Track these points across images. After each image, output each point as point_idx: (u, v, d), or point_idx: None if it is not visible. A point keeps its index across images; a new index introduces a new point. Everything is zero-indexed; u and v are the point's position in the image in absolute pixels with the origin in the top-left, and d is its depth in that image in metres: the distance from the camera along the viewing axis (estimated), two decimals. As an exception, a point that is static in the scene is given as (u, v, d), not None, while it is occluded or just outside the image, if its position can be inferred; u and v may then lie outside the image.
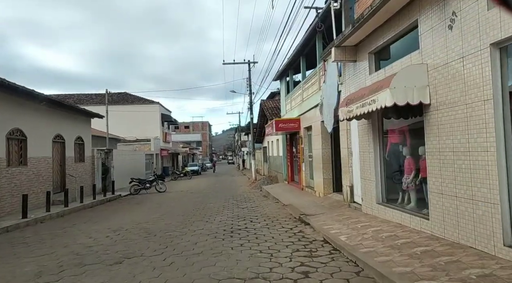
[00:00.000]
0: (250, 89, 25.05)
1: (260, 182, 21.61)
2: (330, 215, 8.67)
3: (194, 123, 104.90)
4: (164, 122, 39.72)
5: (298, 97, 15.09)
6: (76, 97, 38.94)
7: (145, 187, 20.12)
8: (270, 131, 16.77)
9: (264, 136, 28.82)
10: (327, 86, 10.52)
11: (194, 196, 17.12)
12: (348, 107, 7.17)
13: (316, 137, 12.26)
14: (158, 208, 13.05)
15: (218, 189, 20.77)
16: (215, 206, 12.89)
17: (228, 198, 15.46)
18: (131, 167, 25.14)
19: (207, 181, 29.38)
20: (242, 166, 56.62)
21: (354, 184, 9.10)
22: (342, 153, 9.71)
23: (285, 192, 14.83)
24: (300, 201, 11.89)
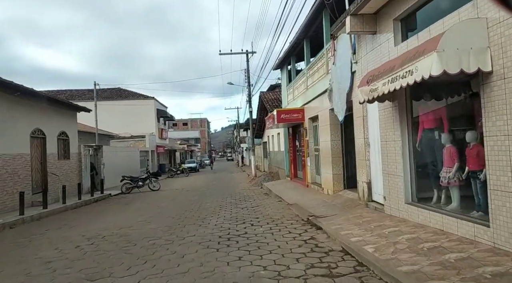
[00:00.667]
0: (249, 80, 23.66)
1: (260, 178, 20.26)
2: (345, 216, 7.32)
3: (192, 120, 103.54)
4: (160, 118, 38.32)
5: (301, 85, 13.71)
6: (68, 93, 37.47)
7: (137, 185, 18.76)
8: (271, 124, 15.39)
9: (264, 131, 27.45)
10: (337, 68, 9.13)
11: (190, 194, 15.77)
12: (370, 86, 5.80)
13: (323, 128, 10.90)
14: (148, 209, 11.70)
15: (216, 186, 19.43)
16: (211, 205, 11.54)
17: (226, 196, 14.11)
18: (124, 164, 23.76)
19: (205, 178, 28.04)
20: (241, 162, 55.25)
21: (372, 180, 7.75)
22: (357, 144, 8.34)
23: (288, 189, 13.48)
24: (306, 199, 10.54)
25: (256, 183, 19.15)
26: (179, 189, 19.15)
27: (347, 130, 10.36)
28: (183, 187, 19.90)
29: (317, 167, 12.45)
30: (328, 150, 10.53)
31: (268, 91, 22.24)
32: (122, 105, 35.34)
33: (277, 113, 13.40)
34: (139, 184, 18.85)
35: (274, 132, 21.57)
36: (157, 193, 17.45)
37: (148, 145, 32.77)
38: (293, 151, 16.14)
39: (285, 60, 16.04)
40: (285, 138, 17.63)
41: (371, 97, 5.80)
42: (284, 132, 17.67)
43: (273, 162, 23.33)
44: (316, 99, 11.72)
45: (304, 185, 13.73)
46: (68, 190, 15.17)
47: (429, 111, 5.89)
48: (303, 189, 13.00)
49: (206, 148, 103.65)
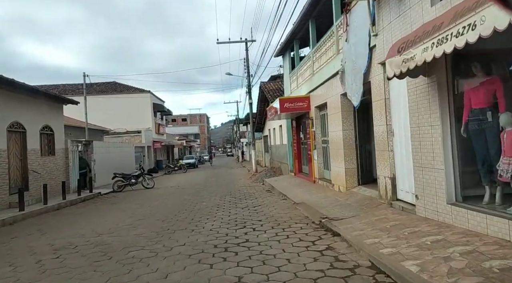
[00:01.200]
0: (248, 70, 22.36)
1: (261, 174, 19.03)
2: (367, 219, 6.08)
3: (191, 115, 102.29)
4: (156, 113, 37.02)
5: (306, 71, 12.41)
6: (61, 88, 36.13)
7: (130, 183, 17.54)
8: (273, 114, 14.12)
9: (264, 124, 26.19)
10: (350, 46, 7.85)
11: (185, 192, 14.54)
12: (403, 55, 4.52)
13: (333, 117, 9.63)
14: (137, 210, 10.47)
15: (214, 183, 18.20)
16: (208, 205, 10.31)
17: (225, 194, 12.88)
18: (118, 161, 22.52)
19: (203, 174, 26.82)
20: (241, 157, 54.03)
21: (397, 175, 6.50)
22: (376, 132, 7.08)
23: (293, 186, 12.24)
24: (315, 197, 9.30)
25: (257, 179, 17.93)
26: (174, 186, 17.93)
27: (362, 118, 9.11)
28: (179, 184, 18.67)
29: (326, 161, 11.20)
30: (339, 141, 9.27)
31: (269, 82, 20.95)
32: (116, 98, 34.04)
33: (280, 102, 12.13)
34: (132, 182, 17.64)
35: (275, 124, 20.31)
36: (150, 191, 16.23)
37: (144, 140, 31.52)
38: (297, 144, 14.89)
39: (287, 46, 14.73)
40: (288, 131, 16.37)
41: (404, 69, 4.52)
42: (287, 124, 16.41)
43: (274, 156, 22.09)
44: (324, 84, 10.43)
45: (310, 181, 12.49)
46: (54, 189, 13.97)
47: (478, 85, 4.62)
48: (309, 186, 11.75)
49: (206, 143, 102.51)
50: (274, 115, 14.24)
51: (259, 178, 17.83)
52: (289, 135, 16.37)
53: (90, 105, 33.70)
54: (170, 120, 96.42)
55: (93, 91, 35.35)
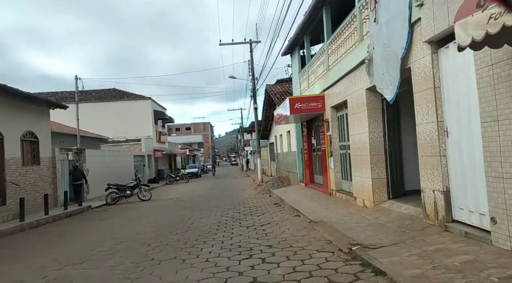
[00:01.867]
0: (253, 73, 20.89)
1: (268, 184, 17.43)
2: (417, 249, 4.46)
3: (195, 124, 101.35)
4: (158, 121, 35.66)
5: (319, 67, 10.90)
6: (59, 95, 34.92)
7: (125, 195, 16.02)
8: (282, 118, 12.59)
9: (270, 130, 24.65)
10: (381, 26, 6.32)
11: (184, 206, 12.97)
12: (489, 9, 2.97)
13: (357, 117, 8.05)
14: (123, 228, 8.91)
15: (217, 194, 16.62)
16: (207, 222, 8.73)
17: (228, 208, 11.30)
18: (115, 171, 21.05)
19: (206, 184, 25.24)
20: (246, 166, 52.38)
21: (452, 188, 4.90)
22: (421, 132, 5.49)
23: (305, 199, 10.63)
24: (335, 214, 7.67)
25: (263, 189, 16.32)
26: (173, 198, 16.35)
27: (392, 117, 7.54)
28: (179, 196, 17.10)
29: (345, 170, 9.60)
30: (364, 145, 7.68)
31: (275, 84, 19.48)
32: (115, 105, 32.76)
33: (290, 103, 10.58)
34: (127, 193, 16.11)
35: (283, 130, 18.77)
36: (146, 204, 14.67)
37: (144, 149, 30.08)
38: (309, 151, 13.30)
39: (296, 42, 13.25)
40: (298, 136, 14.80)
41: (494, 28, 2.96)
42: (296, 128, 14.85)
43: (282, 165, 20.48)
44: (342, 80, 8.89)
45: (325, 193, 10.87)
46: (38, 203, 12.48)
47: None
48: (325, 199, 10.13)
49: (210, 152, 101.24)
50: (282, 119, 12.70)
51: (266, 188, 16.23)
52: (298, 141, 14.79)
53: (89, 113, 32.50)
54: (174, 129, 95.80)
55: (91, 98, 34.18)
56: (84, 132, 23.84)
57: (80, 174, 16.03)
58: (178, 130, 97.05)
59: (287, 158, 18.39)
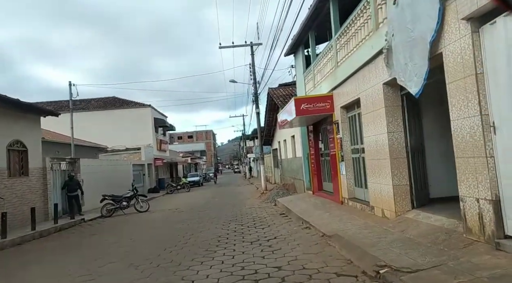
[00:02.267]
0: (254, 76, 20.11)
1: (272, 192, 16.48)
2: (468, 275, 3.52)
3: (197, 132, 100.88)
4: (158, 128, 34.88)
5: (327, 65, 10.04)
6: (57, 104, 34.25)
7: (121, 206, 15.12)
8: (286, 121, 11.71)
9: (273, 136, 23.76)
10: (403, 8, 5.46)
11: (183, 217, 12.06)
12: None
13: (372, 116, 7.16)
14: (112, 246, 8.00)
15: (218, 204, 15.69)
16: (207, 237, 7.82)
17: (230, 219, 10.38)
18: (113, 181, 20.20)
19: (208, 193, 24.31)
20: (249, 174, 51.42)
21: (504, 196, 3.97)
22: (458, 129, 4.59)
23: (315, 209, 9.69)
24: (352, 227, 6.73)
25: (267, 198, 15.38)
26: (172, 209, 15.43)
27: (413, 114, 6.64)
28: (179, 206, 16.18)
29: (358, 176, 8.68)
30: (382, 147, 6.77)
31: (278, 88, 18.66)
32: (115, 114, 32.00)
33: (296, 104, 9.69)
34: (123, 205, 15.22)
35: (287, 135, 17.88)
36: (143, 216, 13.77)
37: (144, 157, 29.23)
38: (316, 156, 12.38)
39: (300, 40, 12.43)
40: (303, 141, 13.89)
41: None
42: (302, 133, 13.96)
43: (286, 171, 19.54)
44: (354, 76, 8.02)
45: (336, 202, 9.93)
46: (26, 217, 11.57)
47: None
48: (337, 208, 9.18)
49: (212, 160, 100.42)
50: (286, 122, 11.83)
51: (270, 197, 15.29)
52: (304, 146, 13.88)
53: (88, 122, 31.76)
54: (176, 138, 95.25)
55: (90, 107, 33.51)
56: (81, 142, 23.05)
57: (76, 185, 15.17)
58: (181, 139, 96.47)
59: (292, 164, 17.46)
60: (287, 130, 17.64)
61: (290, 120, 11.06)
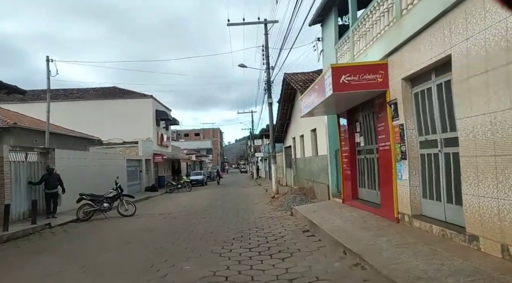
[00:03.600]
0: (268, 61, 17.13)
1: (286, 197, 13.46)
2: None
3: (204, 130, 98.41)
4: (160, 122, 32.09)
5: (380, 20, 6.99)
6: (54, 92, 31.57)
7: (101, 208, 12.30)
8: (312, 105, 8.68)
9: (286, 132, 20.75)
10: None
11: (171, 228, 9.15)
12: None
13: (483, 80, 4.12)
14: (50, 278, 5.09)
15: (221, 210, 12.77)
16: (194, 275, 4.86)
17: (233, 236, 7.44)
18: (101, 177, 17.45)
19: (210, 194, 21.41)
20: (256, 174, 48.47)
21: None
22: None
23: (355, 227, 6.66)
24: (448, 271, 3.70)
25: (280, 204, 12.40)
26: (164, 213, 12.55)
27: None
28: (173, 210, 13.30)
29: (433, 182, 5.64)
30: (508, 135, 3.73)
31: (295, 73, 15.65)
32: (113, 104, 29.27)
33: (334, 74, 6.65)
34: (104, 206, 12.38)
35: (305, 129, 14.88)
36: (123, 223, 10.90)
37: (142, 152, 26.44)
38: (350, 154, 9.33)
39: (331, 2, 9.42)
40: (331, 134, 10.89)
41: None
42: (329, 124, 10.96)
43: (302, 173, 16.53)
44: (437, 23, 4.99)
45: (387, 218, 6.90)
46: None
47: None
48: (394, 230, 6.14)
49: (219, 159, 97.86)
50: (311, 108, 8.81)
51: (284, 203, 12.29)
52: (332, 141, 10.87)
53: (84, 112, 29.14)
54: (183, 135, 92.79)
55: (88, 96, 30.83)
56: (69, 131, 20.34)
57: (56, 180, 12.47)
58: (187, 136, 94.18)
59: (311, 164, 14.44)
60: (305, 123, 14.65)
61: (319, 104, 8.05)
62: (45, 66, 15.30)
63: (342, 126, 9.82)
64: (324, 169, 12.04)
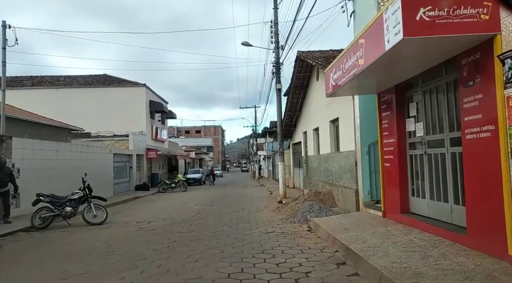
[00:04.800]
0: (277, 38, 14.35)
1: (299, 204, 10.67)
2: None
3: (205, 127, 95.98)
4: (155, 114, 29.40)
5: None
6: (39, 79, 28.94)
7: (62, 214, 9.62)
8: (361, 62, 5.86)
9: (295, 126, 17.97)
10: None
11: (143, 248, 6.43)
12: None
13: None
14: None
15: (216, 217, 10.07)
16: None
17: (228, 267, 4.68)
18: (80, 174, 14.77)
19: (207, 195, 18.69)
20: (258, 174, 45.73)
21: None
22: None
23: (436, 269, 3.90)
24: None
25: (292, 213, 9.65)
26: (144, 221, 9.85)
27: None
28: (155, 218, 10.57)
29: None
30: None
31: (311, 51, 12.88)
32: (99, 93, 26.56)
33: (405, 4, 3.90)
34: (66, 211, 9.69)
35: (323, 120, 12.14)
36: (85, 236, 8.18)
37: (133, 146, 23.73)
38: (399, 148, 6.53)
39: None
40: (363, 122, 8.13)
41: None
42: (360, 109, 8.19)
43: (316, 173, 13.77)
44: None
45: (482, 252, 4.12)
46: None
47: None
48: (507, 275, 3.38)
49: (220, 157, 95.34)
50: (351, 73, 6.04)
51: (297, 212, 9.53)
52: (365, 131, 8.12)
53: (69, 101, 26.41)
54: (184, 132, 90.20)
55: (75, 84, 28.10)
56: (46, 120, 17.64)
57: (7, 176, 9.85)
58: (188, 133, 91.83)
59: (328, 163, 11.68)
60: (323, 113, 11.95)
61: (365, 70, 5.27)
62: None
63: (384, 110, 7.04)
64: (350, 168, 9.28)
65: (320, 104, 12.51)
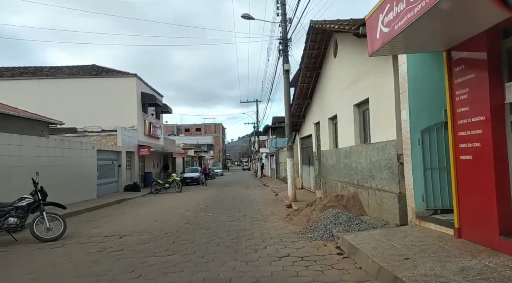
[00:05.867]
0: (284, 10, 11.91)
1: (317, 212, 8.23)
2: None
3: (206, 125, 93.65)
4: (148, 108, 26.98)
5: None
6: (22, 69, 26.48)
7: (3, 227, 7.23)
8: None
9: (304, 117, 15.55)
10: None
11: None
12: None
13: None
14: None
15: (211, 229, 7.64)
16: None
17: None
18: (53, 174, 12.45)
19: (203, 197, 16.29)
20: (260, 172, 43.33)
21: None
22: None
23: None
24: None
25: (311, 226, 7.20)
26: (115, 235, 7.45)
27: None
28: (133, 229, 8.16)
29: None
30: None
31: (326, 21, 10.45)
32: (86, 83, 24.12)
33: None
34: (10, 223, 7.29)
35: (340, 105, 9.70)
36: (24, 260, 5.75)
37: (121, 142, 21.33)
38: (493, 130, 4.10)
39: None
40: (411, 98, 5.68)
41: None
42: (409, 77, 5.74)
43: (333, 171, 11.34)
44: None
45: None
46: None
47: None
48: None
49: (221, 155, 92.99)
50: (420, 10, 3.62)
51: (316, 222, 7.12)
52: (415, 109, 5.68)
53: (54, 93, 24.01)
54: (184, 130, 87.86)
55: (60, 74, 25.66)
56: (18, 112, 15.22)
57: None
58: (188, 131, 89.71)
59: (351, 159, 9.24)
60: (344, 96, 9.56)
61: None
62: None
63: (459, 74, 4.59)
64: (388, 165, 6.85)
65: (339, 87, 10.10)
